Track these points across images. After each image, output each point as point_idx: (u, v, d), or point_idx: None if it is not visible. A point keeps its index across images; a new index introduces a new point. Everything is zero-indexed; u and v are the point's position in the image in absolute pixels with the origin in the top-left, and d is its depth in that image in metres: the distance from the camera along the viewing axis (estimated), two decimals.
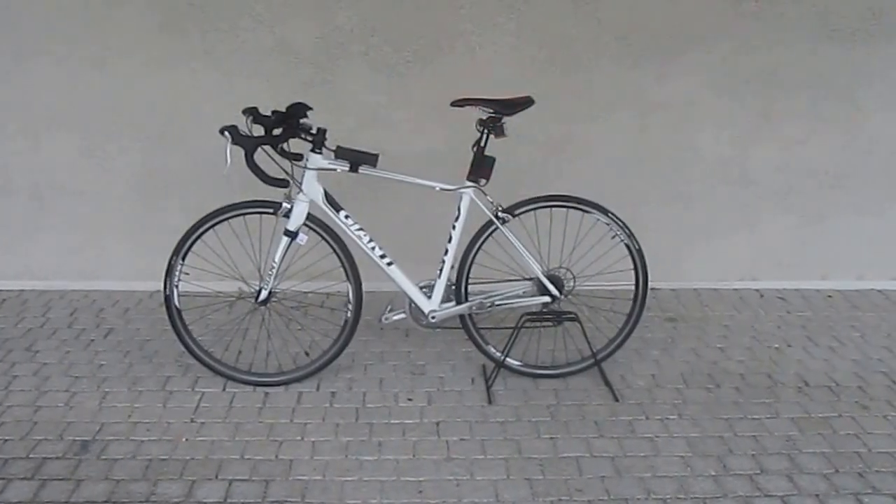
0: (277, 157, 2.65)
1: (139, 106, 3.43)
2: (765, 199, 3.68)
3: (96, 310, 3.51)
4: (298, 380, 2.93)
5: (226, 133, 2.55)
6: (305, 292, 3.24)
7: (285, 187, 2.62)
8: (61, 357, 3.12)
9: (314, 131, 2.70)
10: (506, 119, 2.71)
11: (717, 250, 3.76)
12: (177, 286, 2.81)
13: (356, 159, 2.73)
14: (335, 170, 2.73)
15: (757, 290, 3.79)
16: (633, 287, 2.95)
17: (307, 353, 3.04)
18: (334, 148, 2.72)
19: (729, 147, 3.59)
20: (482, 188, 2.77)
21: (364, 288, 2.89)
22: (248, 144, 2.55)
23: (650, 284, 2.94)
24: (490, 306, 2.86)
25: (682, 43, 3.42)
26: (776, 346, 3.31)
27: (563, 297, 2.88)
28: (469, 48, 3.39)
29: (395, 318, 2.91)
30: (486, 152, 2.73)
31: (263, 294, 2.81)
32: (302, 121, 2.70)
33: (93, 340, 3.24)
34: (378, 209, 3.55)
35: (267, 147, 2.63)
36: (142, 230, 3.58)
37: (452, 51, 3.38)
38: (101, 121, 3.46)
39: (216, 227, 2.77)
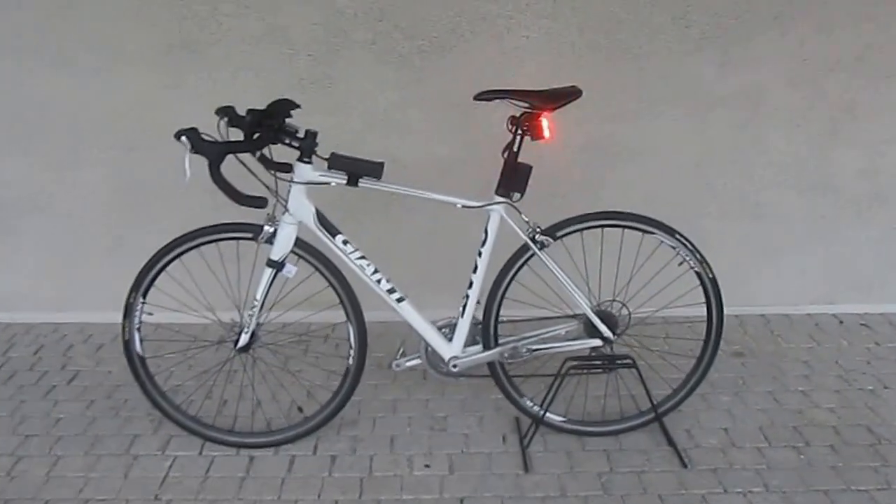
0: (258, 167, 1.99)
1: (106, 109, 2.78)
2: (846, 208, 2.95)
3: (64, 347, 2.87)
4: (291, 441, 2.27)
5: (183, 139, 1.88)
6: (304, 324, 2.57)
7: (262, 207, 1.95)
8: (14, 409, 2.48)
9: (301, 135, 2.03)
10: (546, 116, 2.02)
11: (789, 269, 3.03)
12: (138, 329, 2.16)
13: (355, 170, 2.05)
14: (329, 183, 2.05)
15: (835, 316, 3.06)
16: (703, 324, 2.25)
17: (301, 409, 2.37)
18: (328, 156, 2.04)
19: (805, 148, 2.86)
20: (515, 204, 2.08)
21: (374, 319, 2.24)
22: (212, 152, 1.88)
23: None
24: (526, 352, 2.17)
25: (752, 23, 2.70)
26: (870, 387, 2.59)
27: (616, 338, 2.19)
28: (496, 34, 2.69)
29: (409, 364, 2.24)
30: (521, 159, 2.05)
31: (244, 338, 2.14)
32: (286, 122, 2.02)
33: (54, 387, 2.60)
34: (388, 228, 2.90)
35: (246, 156, 1.98)
36: (117, 252, 2.93)
37: (476, 37, 2.69)
38: (63, 127, 2.81)
39: (184, 257, 2.12)
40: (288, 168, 2.04)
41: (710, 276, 2.19)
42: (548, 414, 2.26)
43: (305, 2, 2.66)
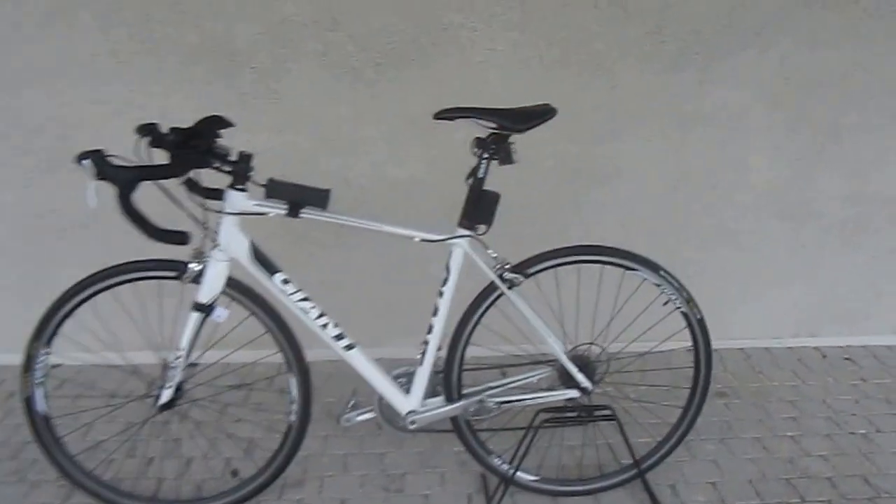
0: (188, 194, 1.68)
1: (20, 126, 2.44)
2: (829, 235, 2.74)
3: None
4: None
5: (84, 163, 1.56)
6: (244, 365, 2.25)
7: (184, 243, 1.63)
8: None
9: (234, 158, 1.72)
10: (515, 138, 1.76)
11: (770, 300, 2.81)
12: (41, 383, 1.82)
13: (297, 198, 1.76)
14: (266, 214, 1.75)
15: (817, 349, 2.85)
16: (690, 369, 2.00)
17: (235, 473, 2.05)
18: (264, 182, 1.73)
19: (787, 171, 2.65)
20: (480, 237, 1.80)
21: (323, 357, 1.94)
22: (121, 179, 1.56)
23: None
24: (494, 406, 1.89)
25: (731, 39, 2.48)
26: (862, 431, 2.37)
27: (594, 387, 1.92)
28: (459, 46, 2.42)
29: (360, 418, 1.93)
30: (487, 185, 1.78)
31: (166, 394, 1.82)
32: (217, 143, 1.71)
33: None
34: (341, 259, 2.61)
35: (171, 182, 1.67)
36: (32, 287, 2.56)
37: (437, 50, 2.42)
38: None
39: (96, 298, 1.79)
40: (219, 195, 1.73)
41: (698, 316, 1.94)
42: (518, 472, 1.98)
43: (248, 8, 2.36)
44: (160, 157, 1.67)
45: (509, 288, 1.84)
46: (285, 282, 1.81)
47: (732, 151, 2.60)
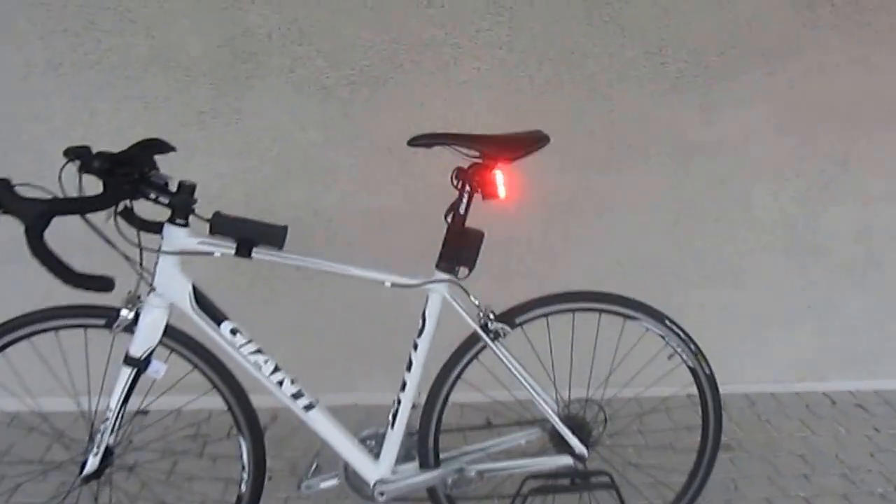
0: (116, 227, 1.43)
1: None
2: (838, 274, 2.54)
3: None
4: None
5: None
6: (198, 412, 1.97)
7: (106, 290, 1.37)
8: None
9: (173, 189, 1.46)
10: (502, 168, 1.53)
11: (775, 342, 2.59)
12: None
13: (248, 235, 1.50)
14: (211, 253, 1.49)
15: (826, 395, 2.63)
16: (698, 430, 1.76)
17: None
18: (209, 216, 1.48)
19: (794, 204, 2.45)
20: (461, 282, 1.56)
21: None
22: (27, 213, 1.29)
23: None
24: (476, 476, 1.63)
25: (736, 61, 2.28)
26: (880, 490, 2.15)
27: (589, 451, 1.67)
28: (441, 64, 2.20)
29: (323, 485, 1.67)
30: (470, 222, 1.54)
31: (92, 462, 1.54)
32: (154, 171, 1.46)
33: None
34: (308, 299, 2.35)
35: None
36: None
37: (417, 68, 2.20)
38: None
39: (8, 350, 1.51)
40: (158, 229, 1.47)
41: (707, 372, 1.71)
42: None
43: (206, 17, 2.12)
44: (93, 184, 1.43)
45: (494, 339, 1.60)
46: (234, 332, 1.55)
47: (736, 182, 2.40)
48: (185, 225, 1.48)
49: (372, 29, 2.16)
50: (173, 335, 1.52)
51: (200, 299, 1.52)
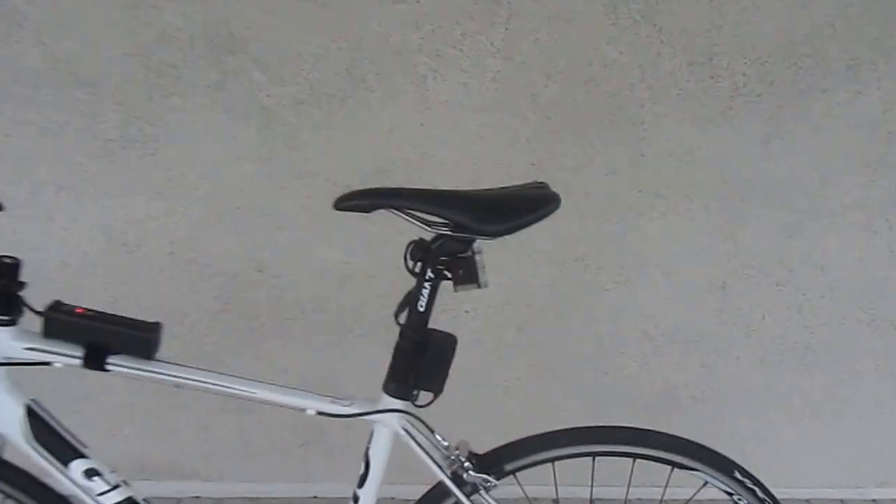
0: None
1: None
2: None
3: None
4: None
5: None
6: None
7: None
8: None
9: None
10: (481, 245, 1.01)
11: (848, 436, 2.01)
12: None
13: (97, 338, 1.01)
14: (48, 363, 1.00)
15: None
16: None
17: None
18: (44, 308, 0.99)
19: (885, 265, 1.86)
20: (417, 413, 1.05)
21: None
22: None
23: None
24: None
25: (812, 75, 1.70)
26: None
27: None
28: (416, 78, 1.67)
29: None
30: (433, 318, 1.03)
31: None
32: None
33: None
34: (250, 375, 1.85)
35: None
36: None
37: (384, 83, 1.67)
38: None
39: None
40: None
41: None
42: None
43: (111, 18, 1.62)
44: None
45: (470, 495, 1.08)
46: (91, 474, 1.06)
47: (807, 236, 1.81)
48: (11, 323, 0.99)
49: (325, 32, 1.63)
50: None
51: (41, 426, 1.03)
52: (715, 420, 1.90)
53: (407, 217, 1.00)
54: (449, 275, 1.03)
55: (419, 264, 1.03)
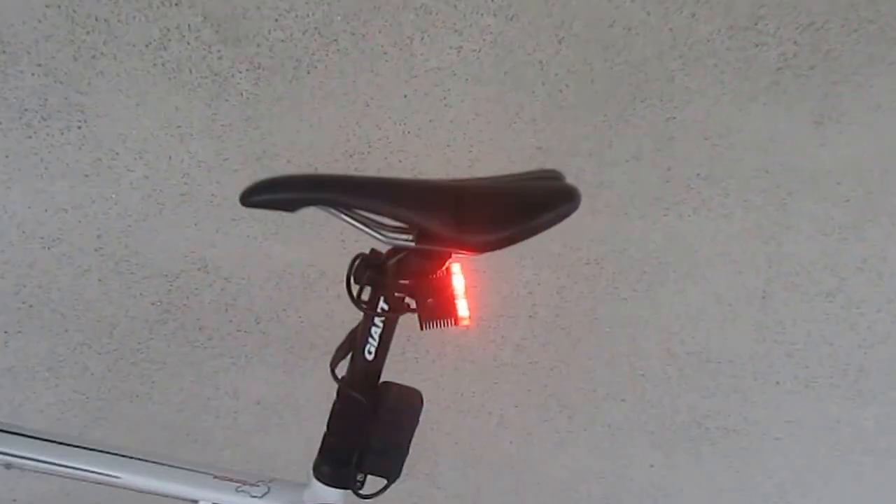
0: None
1: None
2: None
3: None
4: None
5: None
6: None
7: None
8: None
9: None
10: (466, 262, 0.72)
11: (894, 476, 1.74)
12: None
13: None
14: None
15: None
16: None
17: None
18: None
19: None
20: (370, 499, 0.77)
21: None
22: None
23: None
24: None
25: (877, 44, 1.44)
26: None
27: None
28: (399, 40, 1.40)
29: None
30: (389, 366, 0.76)
31: None
32: None
33: None
34: (193, 399, 1.58)
35: None
36: None
37: (360, 45, 1.40)
38: None
39: None
40: None
41: None
42: None
43: None
44: None
45: None
46: None
47: (865, 235, 1.55)
48: None
49: None
50: None
51: None
52: (750, 456, 1.63)
53: (349, 219, 0.70)
54: (413, 306, 0.74)
55: (368, 290, 0.74)
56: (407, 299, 0.73)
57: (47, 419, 1.57)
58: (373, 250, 0.73)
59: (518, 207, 0.71)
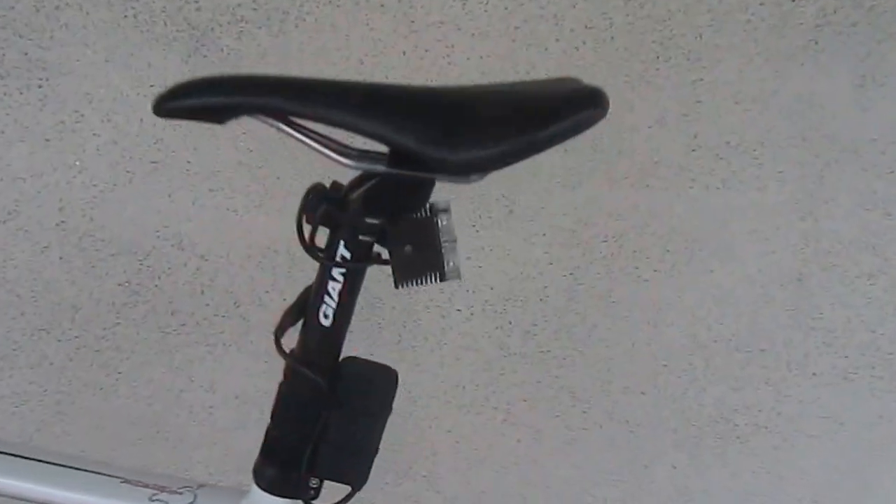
0: None
1: None
2: None
3: None
4: None
5: None
6: None
7: None
8: None
9: None
10: (446, 204, 0.57)
11: None
12: None
13: None
14: None
15: None
16: None
17: None
18: None
19: None
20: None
21: None
22: None
23: None
24: None
25: None
26: None
27: None
28: None
29: None
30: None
31: None
32: None
33: None
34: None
35: None
36: None
37: None
38: None
39: None
40: None
41: None
42: None
43: None
44: None
45: None
46: None
47: None
48: None
49: None
50: None
51: None
52: (783, 455, 1.51)
53: (296, 133, 0.55)
54: (385, 255, 0.58)
55: (329, 238, 0.59)
56: (377, 247, 0.58)
57: (0, 414, 1.42)
58: (334, 183, 0.59)
59: (524, 113, 0.56)
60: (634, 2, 1.32)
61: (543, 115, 0.56)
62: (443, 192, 0.67)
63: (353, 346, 0.74)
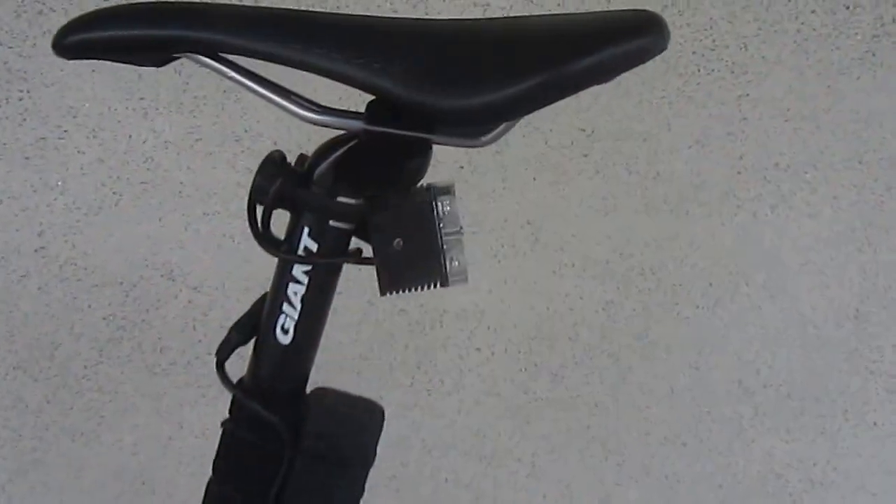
0: None
1: None
2: None
3: None
4: None
5: None
6: None
7: None
8: None
9: None
10: (448, 184, 0.45)
11: None
12: None
13: None
14: None
15: None
16: None
17: None
18: None
19: None
20: None
21: None
22: None
23: None
24: None
25: None
26: None
27: None
28: None
29: None
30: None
31: None
32: None
33: None
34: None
35: None
36: None
37: None
38: None
39: None
40: None
41: None
42: None
43: None
44: None
45: None
46: None
47: None
48: None
49: None
50: None
51: None
52: None
53: (247, 81, 0.45)
54: (367, 252, 0.47)
55: (291, 223, 0.48)
56: (350, 234, 0.44)
57: None
58: (301, 157, 0.47)
59: (548, 43, 0.41)
60: (673, 8, 1.24)
61: (575, 43, 0.42)
62: (443, 173, 0.55)
63: (362, 387, 0.62)
